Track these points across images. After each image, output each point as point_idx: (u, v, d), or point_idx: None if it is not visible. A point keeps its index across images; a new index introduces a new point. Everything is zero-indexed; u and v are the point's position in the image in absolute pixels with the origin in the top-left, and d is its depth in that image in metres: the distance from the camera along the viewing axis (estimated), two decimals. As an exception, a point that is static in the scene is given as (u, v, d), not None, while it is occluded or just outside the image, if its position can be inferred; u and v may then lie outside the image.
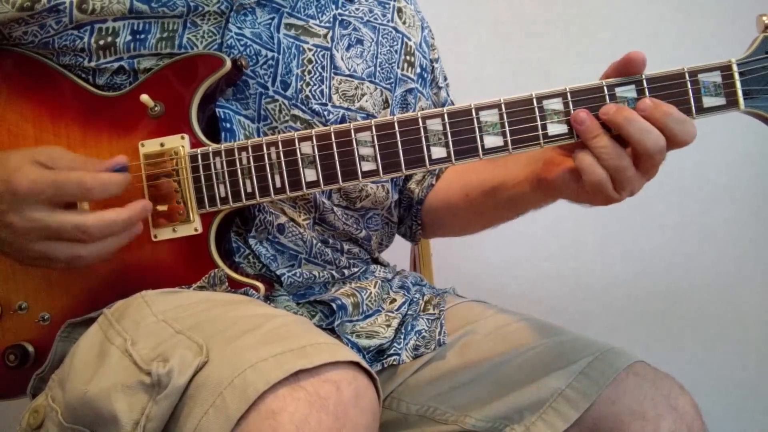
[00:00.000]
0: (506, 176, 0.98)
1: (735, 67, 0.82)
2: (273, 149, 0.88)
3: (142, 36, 0.92)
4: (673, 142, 0.79)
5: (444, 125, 0.85)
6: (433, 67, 1.17)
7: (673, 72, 0.82)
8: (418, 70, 1.12)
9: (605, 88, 0.82)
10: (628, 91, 0.82)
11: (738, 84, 0.82)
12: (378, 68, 1.05)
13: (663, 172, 0.84)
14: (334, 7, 1.03)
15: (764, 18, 0.84)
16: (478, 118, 0.84)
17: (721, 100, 0.82)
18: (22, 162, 0.80)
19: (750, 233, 1.87)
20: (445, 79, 1.22)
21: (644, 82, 0.82)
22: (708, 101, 0.82)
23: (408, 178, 1.16)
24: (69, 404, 0.73)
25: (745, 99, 0.82)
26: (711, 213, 1.86)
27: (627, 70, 0.82)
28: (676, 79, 0.82)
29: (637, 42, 1.76)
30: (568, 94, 0.83)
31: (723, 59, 0.83)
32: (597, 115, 0.82)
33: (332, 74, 1.00)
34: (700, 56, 0.84)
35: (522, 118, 0.84)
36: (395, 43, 1.09)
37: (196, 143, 0.91)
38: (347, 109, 1.00)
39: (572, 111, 0.83)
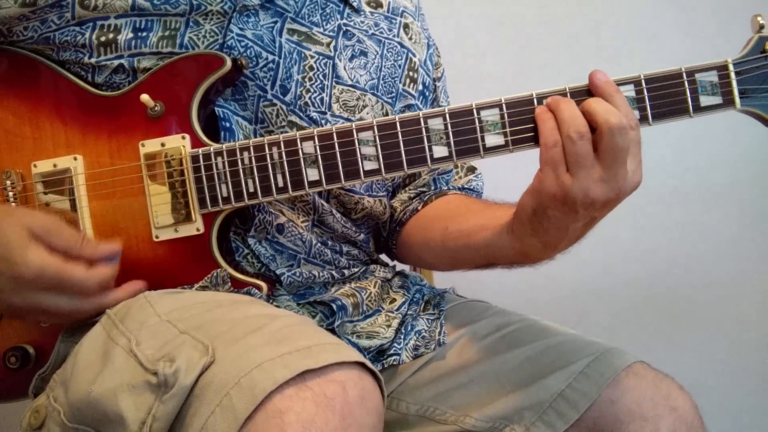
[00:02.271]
0: (490, 221, 0.94)
1: (731, 67, 0.83)
2: (275, 149, 0.88)
3: (144, 34, 0.92)
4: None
5: (445, 125, 0.85)
6: (435, 86, 1.17)
7: (671, 72, 0.83)
8: (420, 87, 1.11)
9: None
10: (627, 91, 0.83)
11: (734, 83, 0.83)
12: (381, 81, 1.05)
13: (663, 173, 0.84)
14: (339, 17, 1.03)
15: (759, 18, 0.85)
16: (479, 118, 0.84)
17: (717, 99, 0.84)
18: (21, 237, 0.80)
19: (750, 233, 1.87)
20: (447, 97, 1.21)
21: (642, 81, 0.83)
22: (705, 100, 0.83)
23: (395, 192, 1.15)
24: (73, 404, 0.73)
25: (741, 98, 0.84)
26: (711, 213, 1.86)
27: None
28: (673, 79, 0.83)
29: (637, 42, 1.76)
30: (568, 93, 0.83)
31: (720, 59, 0.84)
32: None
33: (334, 83, 0.99)
34: (699, 56, 0.85)
35: (523, 118, 0.84)
36: (399, 57, 1.08)
37: (197, 143, 0.90)
38: (347, 119, 1.00)
39: None
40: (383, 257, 1.21)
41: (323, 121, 0.98)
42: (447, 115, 0.85)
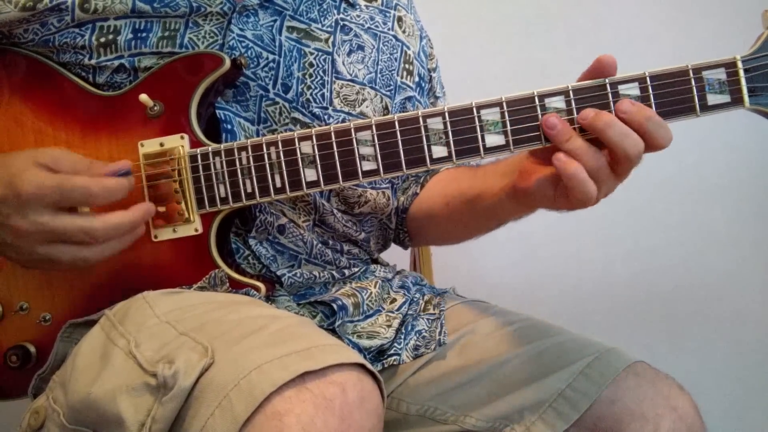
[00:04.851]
0: (484, 187, 0.98)
1: (740, 64, 0.81)
2: (273, 149, 0.88)
3: (144, 34, 0.92)
4: (651, 146, 0.79)
5: (445, 124, 0.84)
6: (431, 76, 1.17)
7: (677, 69, 0.81)
8: (416, 79, 1.12)
9: (608, 86, 0.81)
10: (631, 89, 0.81)
11: (743, 81, 0.81)
12: (378, 75, 1.05)
13: (663, 173, 0.84)
14: (335, 12, 1.03)
15: None
16: (479, 117, 0.84)
17: (725, 98, 0.81)
18: (26, 164, 0.80)
19: (750, 233, 1.87)
20: (443, 88, 1.22)
21: (648, 79, 0.81)
22: (712, 99, 0.81)
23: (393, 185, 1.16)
24: (72, 406, 0.73)
25: (750, 96, 0.81)
26: (711, 213, 1.86)
27: (599, 75, 0.82)
28: (680, 77, 0.81)
29: (638, 42, 1.76)
30: (571, 92, 0.82)
31: (727, 56, 0.82)
32: (575, 119, 0.81)
33: (333, 78, 1.00)
34: (700, 56, 0.84)
35: (524, 117, 0.83)
36: (395, 51, 1.09)
37: (195, 143, 0.90)
38: (348, 113, 1.00)
39: (575, 109, 0.82)
40: (384, 257, 1.21)
41: (326, 116, 0.98)
42: (446, 115, 0.84)
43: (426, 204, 1.13)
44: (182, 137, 0.90)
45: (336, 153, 0.87)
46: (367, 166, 0.86)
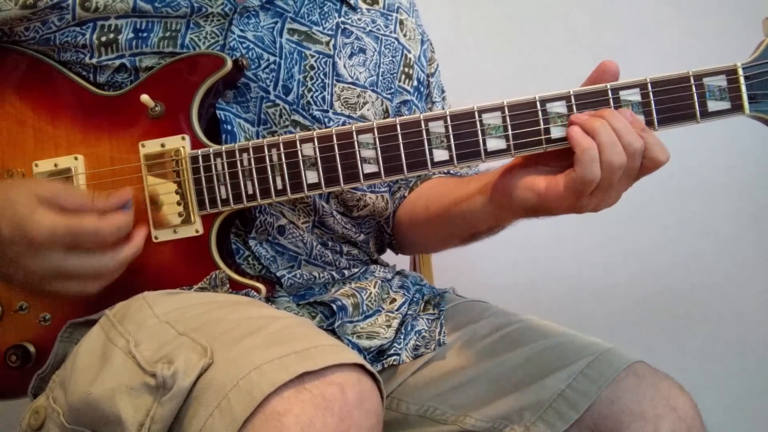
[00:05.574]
0: (463, 192, 0.97)
1: (740, 71, 0.81)
2: (274, 150, 0.88)
3: (145, 34, 0.92)
4: (648, 158, 0.79)
5: (446, 128, 0.84)
6: (429, 81, 1.17)
7: (678, 75, 0.82)
8: (415, 83, 1.12)
9: (609, 92, 0.81)
10: (632, 95, 0.81)
11: (743, 88, 0.81)
12: (380, 78, 1.05)
13: (663, 173, 0.83)
14: (336, 15, 1.03)
15: None
16: (480, 121, 0.84)
17: (726, 105, 0.82)
18: (30, 203, 0.79)
19: (750, 233, 1.87)
20: (443, 92, 1.21)
21: (649, 85, 0.81)
22: (713, 105, 0.82)
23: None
24: (72, 405, 0.73)
25: (750, 103, 0.82)
26: (711, 213, 1.86)
27: (601, 80, 0.82)
28: (680, 83, 0.81)
29: (638, 42, 1.76)
30: (572, 97, 0.82)
31: (728, 63, 0.82)
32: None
33: (334, 81, 1.00)
34: (700, 56, 0.84)
35: (525, 121, 0.83)
36: (396, 54, 1.09)
37: (197, 144, 0.90)
38: (348, 116, 1.00)
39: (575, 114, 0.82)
40: (384, 257, 1.21)
41: (326, 119, 0.98)
42: (448, 118, 0.84)
43: (410, 207, 1.12)
44: (183, 138, 0.90)
45: (337, 155, 0.87)
46: (369, 168, 0.86)
